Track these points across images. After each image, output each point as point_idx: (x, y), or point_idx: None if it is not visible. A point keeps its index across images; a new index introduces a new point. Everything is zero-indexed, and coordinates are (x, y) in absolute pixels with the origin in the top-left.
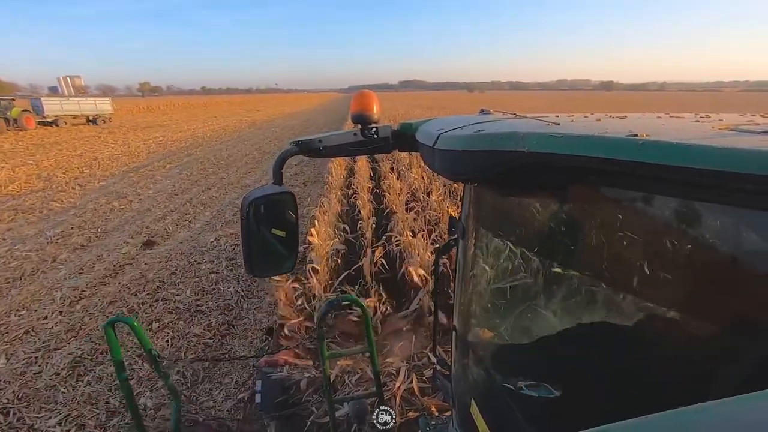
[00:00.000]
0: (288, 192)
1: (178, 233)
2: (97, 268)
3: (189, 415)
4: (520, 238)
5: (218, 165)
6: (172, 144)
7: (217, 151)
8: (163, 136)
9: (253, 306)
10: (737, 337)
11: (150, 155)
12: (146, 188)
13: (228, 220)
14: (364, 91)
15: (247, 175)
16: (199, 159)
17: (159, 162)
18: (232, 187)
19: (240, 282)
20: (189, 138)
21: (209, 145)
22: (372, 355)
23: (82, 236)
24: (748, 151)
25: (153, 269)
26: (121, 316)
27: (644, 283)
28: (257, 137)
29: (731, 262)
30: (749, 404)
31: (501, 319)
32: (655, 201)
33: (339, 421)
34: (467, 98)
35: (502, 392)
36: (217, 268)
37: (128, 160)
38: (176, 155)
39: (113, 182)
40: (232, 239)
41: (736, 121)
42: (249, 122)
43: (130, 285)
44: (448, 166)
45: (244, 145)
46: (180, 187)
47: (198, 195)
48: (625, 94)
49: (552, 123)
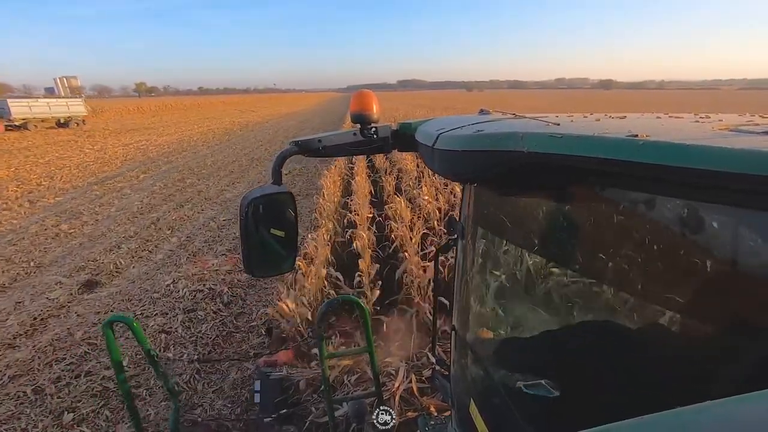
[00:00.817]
0: (287, 192)
1: (131, 269)
2: (10, 322)
3: (188, 415)
4: (520, 239)
5: (199, 174)
6: (154, 149)
7: (202, 158)
8: (146, 140)
9: (212, 388)
10: (737, 337)
11: (125, 163)
12: (108, 205)
13: (197, 249)
14: (363, 91)
15: (229, 187)
16: (179, 167)
17: (133, 171)
18: (209, 204)
19: (198, 346)
20: (174, 142)
21: (194, 150)
22: (371, 356)
23: (8, 273)
24: (748, 151)
25: (85, 325)
26: (121, 315)
27: (643, 282)
28: (247, 141)
29: (731, 262)
30: (749, 404)
31: (500, 319)
32: (654, 201)
33: (338, 421)
34: (467, 97)
35: (500, 392)
36: (169, 325)
37: (98, 168)
38: (154, 163)
39: (71, 197)
40: (195, 282)
41: (735, 121)
42: (241, 124)
43: (47, 349)
44: (447, 166)
45: (233, 149)
46: (149, 203)
47: (167, 214)
48: (625, 93)
49: (551, 123)
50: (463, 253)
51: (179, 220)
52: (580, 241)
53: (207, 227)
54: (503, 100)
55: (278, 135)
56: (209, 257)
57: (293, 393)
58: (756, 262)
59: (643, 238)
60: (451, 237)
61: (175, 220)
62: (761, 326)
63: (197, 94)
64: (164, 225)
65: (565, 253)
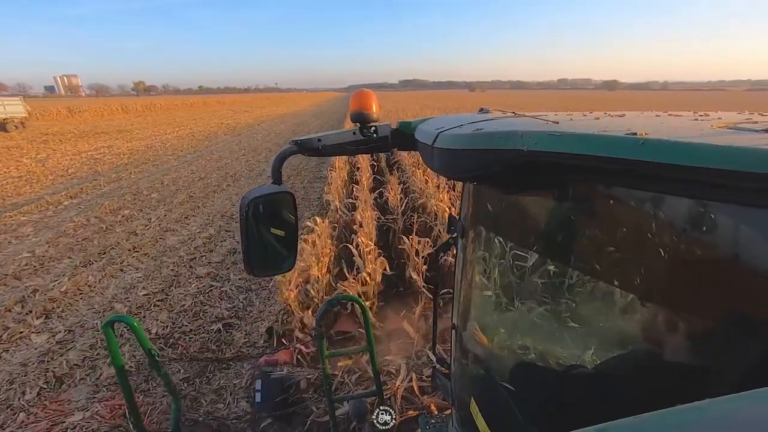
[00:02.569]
0: (287, 191)
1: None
2: None
3: (189, 415)
4: (520, 237)
5: (144, 201)
6: (110, 160)
7: (162, 173)
8: (109, 146)
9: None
10: (737, 337)
11: (57, 180)
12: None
13: (67, 371)
14: (363, 90)
15: (178, 224)
16: (122, 188)
17: (58, 194)
18: (136, 258)
19: None
20: (140, 150)
21: (159, 161)
22: (372, 355)
23: None
24: (748, 148)
25: None
26: (122, 315)
27: (643, 281)
28: (228, 149)
29: (730, 259)
30: (748, 403)
31: (500, 318)
32: (654, 199)
33: (339, 420)
34: (471, 98)
35: (501, 391)
36: None
37: (16, 189)
38: (96, 180)
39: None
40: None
41: (734, 119)
42: (229, 126)
43: None
44: (447, 165)
45: (206, 160)
46: (41, 256)
47: (55, 283)
48: (629, 94)
49: (551, 122)
50: (463, 252)
51: (69, 294)
52: (579, 240)
53: (112, 312)
54: (506, 100)
55: (267, 142)
56: (75, 395)
57: (294, 392)
58: (754, 259)
59: (643, 237)
60: (452, 236)
61: (63, 294)
62: (760, 324)
63: (197, 93)
64: (38, 305)
65: (564, 251)
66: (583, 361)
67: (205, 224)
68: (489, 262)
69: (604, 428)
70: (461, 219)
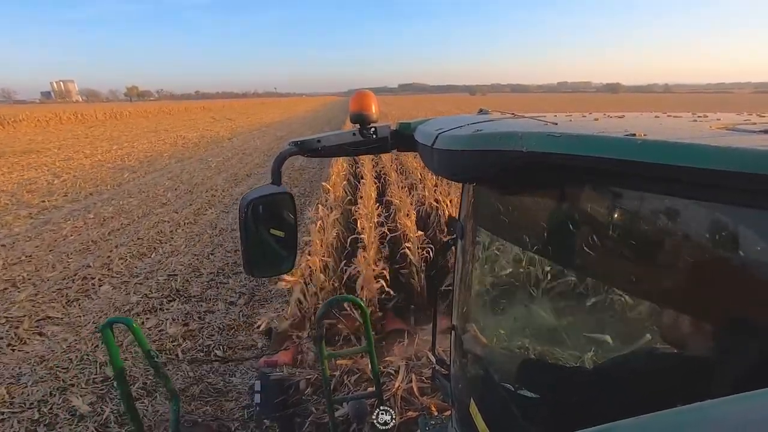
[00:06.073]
0: (287, 192)
1: None
2: None
3: (188, 416)
4: (519, 238)
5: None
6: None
7: (10, 243)
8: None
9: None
10: (737, 337)
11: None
12: None
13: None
14: (362, 91)
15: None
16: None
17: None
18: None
19: None
20: (27, 185)
21: (37, 209)
22: (371, 355)
23: None
24: (746, 150)
25: None
26: (120, 317)
27: (643, 281)
28: (154, 188)
29: (729, 260)
30: (748, 403)
31: (500, 319)
32: (653, 200)
33: (338, 421)
34: (472, 101)
35: (501, 392)
36: None
37: None
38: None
39: None
40: None
41: (733, 120)
42: (193, 141)
43: None
44: (446, 166)
45: (82, 222)
46: None
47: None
48: (633, 97)
49: (550, 123)
50: (462, 253)
51: None
52: (579, 241)
53: None
54: (507, 103)
55: (226, 169)
56: None
57: (293, 393)
58: (753, 261)
59: (642, 237)
60: (451, 237)
61: None
62: (759, 325)
63: (194, 98)
64: None
65: (564, 252)
66: (583, 362)
67: None
68: (488, 263)
69: (605, 429)
70: (461, 220)
